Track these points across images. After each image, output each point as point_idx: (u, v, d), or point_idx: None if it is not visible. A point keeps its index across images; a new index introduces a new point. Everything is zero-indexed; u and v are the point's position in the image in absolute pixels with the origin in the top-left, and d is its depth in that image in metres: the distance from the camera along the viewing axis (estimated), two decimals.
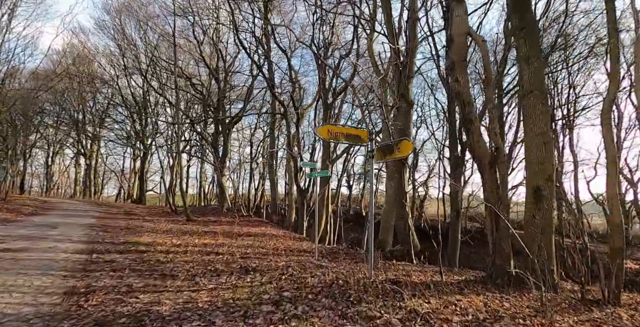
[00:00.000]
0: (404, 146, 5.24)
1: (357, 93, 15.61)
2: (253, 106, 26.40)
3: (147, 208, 22.07)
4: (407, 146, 5.22)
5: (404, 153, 5.27)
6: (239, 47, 17.85)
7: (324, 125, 5.80)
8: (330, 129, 5.62)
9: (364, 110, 15.87)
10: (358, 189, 39.71)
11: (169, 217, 17.22)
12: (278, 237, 12.76)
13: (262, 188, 27.58)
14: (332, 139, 5.63)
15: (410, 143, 5.23)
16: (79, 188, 34.85)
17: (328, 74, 19.54)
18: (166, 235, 11.24)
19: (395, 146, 5.42)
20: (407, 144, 5.23)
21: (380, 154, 5.73)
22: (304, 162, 8.46)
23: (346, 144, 5.84)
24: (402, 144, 5.30)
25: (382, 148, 5.75)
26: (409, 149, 5.21)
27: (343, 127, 5.91)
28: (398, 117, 9.90)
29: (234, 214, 17.30)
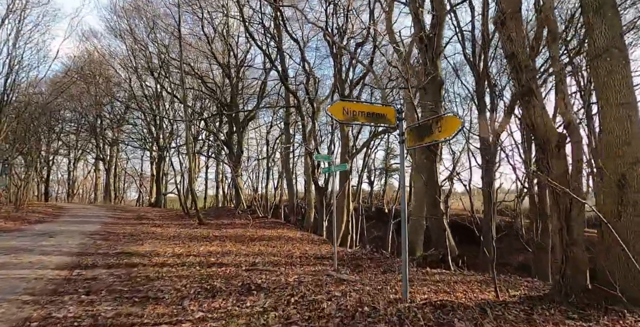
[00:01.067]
0: (447, 124, 3.77)
1: (378, 78, 13.95)
2: (267, 103, 25.17)
3: (162, 211, 21.11)
4: (452, 124, 3.73)
5: (449, 133, 3.79)
6: (249, 40, 16.56)
7: (337, 102, 4.23)
8: (346, 107, 4.20)
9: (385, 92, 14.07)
10: (380, 185, 38.16)
11: (181, 220, 16.11)
12: (294, 240, 11.42)
13: (280, 187, 26.35)
14: (348, 120, 4.21)
15: (457, 119, 3.74)
16: (100, 193, 34.40)
17: (344, 64, 18.11)
18: (170, 242, 10.03)
19: (434, 125, 3.95)
20: (452, 120, 3.74)
21: (414, 137, 4.27)
22: (317, 155, 7.12)
23: (367, 125, 4.39)
24: (444, 121, 3.84)
25: (417, 129, 4.29)
26: (455, 127, 3.72)
27: (363, 104, 4.47)
28: (426, 98, 8.39)
29: (249, 216, 16.05)
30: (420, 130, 4.20)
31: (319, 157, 7.18)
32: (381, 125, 4.58)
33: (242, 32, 21.42)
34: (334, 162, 6.95)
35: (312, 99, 15.74)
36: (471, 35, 12.30)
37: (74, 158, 36.85)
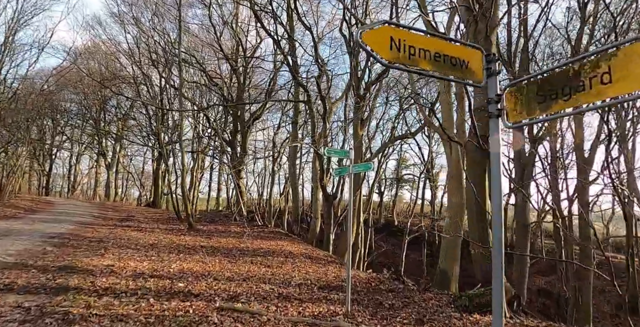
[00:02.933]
0: (630, 62, 1.64)
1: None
2: (274, 105, 23.22)
3: (156, 213, 19.06)
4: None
5: (631, 84, 1.69)
6: (258, 27, 14.60)
7: (380, 26, 2.00)
8: (398, 39, 2.10)
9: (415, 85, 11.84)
10: (390, 195, 35.86)
11: (171, 224, 14.03)
12: (295, 257, 9.27)
13: (286, 193, 24.20)
14: (400, 60, 2.12)
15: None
16: (100, 190, 32.58)
17: (361, 61, 16.09)
18: (140, 253, 7.92)
19: (588, 69, 1.82)
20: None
21: (528, 103, 2.14)
22: (328, 149, 5.12)
23: (430, 76, 2.29)
24: (620, 57, 1.73)
25: (536, 86, 2.14)
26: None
27: (431, 36, 2.34)
28: (475, 88, 6.31)
29: (245, 224, 13.92)
30: (546, 86, 2.06)
31: (330, 152, 5.10)
32: (456, 79, 2.44)
33: (252, 26, 19.65)
34: (351, 160, 4.81)
35: (324, 97, 13.67)
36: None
37: (77, 153, 35.21)
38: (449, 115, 7.75)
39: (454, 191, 7.53)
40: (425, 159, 28.94)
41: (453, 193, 7.54)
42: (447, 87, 7.72)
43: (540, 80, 2.14)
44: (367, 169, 4.89)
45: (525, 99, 2.18)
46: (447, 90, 7.83)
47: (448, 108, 7.85)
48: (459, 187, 7.50)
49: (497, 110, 2.27)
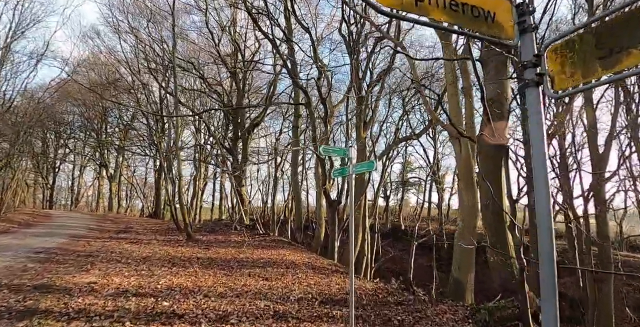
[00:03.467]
0: None
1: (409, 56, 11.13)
2: (275, 110, 22.73)
3: (156, 223, 18.50)
4: None
5: None
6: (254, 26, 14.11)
7: None
8: None
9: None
10: (395, 200, 35.12)
11: (169, 235, 13.45)
12: (297, 267, 8.65)
13: (289, 200, 23.59)
14: (404, 8, 1.55)
15: None
16: (103, 202, 32.13)
17: (362, 61, 15.58)
18: (129, 268, 7.33)
19: None
20: None
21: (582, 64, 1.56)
22: (324, 147, 4.49)
23: (443, 29, 1.77)
24: None
25: (595, 36, 1.56)
26: None
27: None
28: (491, 72, 5.67)
29: (244, 233, 13.31)
30: (608, 35, 1.47)
31: (328, 151, 4.49)
32: (481, 36, 1.84)
33: (250, 30, 19.22)
34: (352, 160, 4.22)
35: (325, 99, 13.12)
36: None
37: (80, 165, 34.90)
38: (457, 109, 7.15)
39: (465, 192, 6.89)
40: (430, 161, 28.27)
41: (464, 194, 6.91)
42: (453, 77, 7.11)
43: (600, 28, 1.54)
44: (370, 168, 4.30)
45: (578, 57, 1.58)
46: (454, 82, 7.23)
47: (455, 101, 7.25)
48: (471, 187, 6.86)
49: (536, 77, 1.67)
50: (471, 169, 6.96)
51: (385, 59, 17.41)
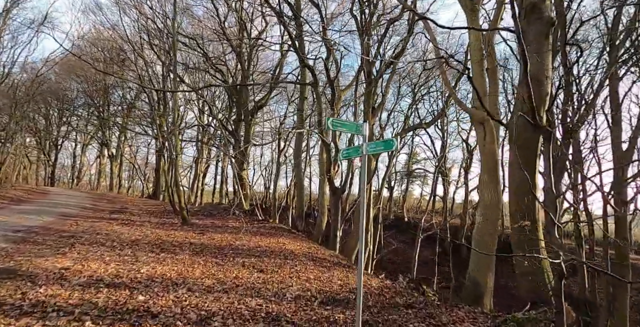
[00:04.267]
0: None
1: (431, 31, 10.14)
2: (280, 93, 21.84)
3: (152, 204, 17.84)
4: None
5: None
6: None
7: None
8: None
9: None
10: (400, 191, 34.33)
11: (165, 217, 12.79)
12: (296, 257, 7.96)
13: (292, 187, 22.86)
14: None
15: None
16: (104, 181, 31.60)
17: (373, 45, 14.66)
18: (114, 252, 6.64)
19: None
20: None
21: None
22: (334, 120, 3.65)
23: None
24: None
25: None
26: None
27: None
28: (531, 46, 4.86)
29: (245, 218, 12.63)
30: None
31: (336, 125, 3.67)
32: None
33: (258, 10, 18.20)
34: (365, 137, 3.43)
35: (332, 81, 12.27)
36: None
37: (82, 143, 34.28)
38: (484, 90, 6.28)
39: (487, 185, 6.09)
40: (437, 152, 27.39)
41: (487, 187, 6.11)
42: (480, 55, 6.16)
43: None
44: (388, 148, 3.51)
45: None
46: (480, 60, 6.28)
47: (481, 75, 6.35)
48: (494, 179, 6.05)
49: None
50: (496, 160, 6.15)
51: (398, 44, 16.43)
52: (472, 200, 28.27)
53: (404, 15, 15.00)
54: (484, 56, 6.30)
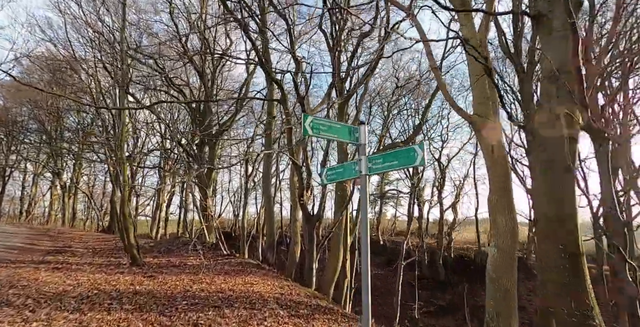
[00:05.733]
0: None
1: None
2: (247, 114, 20.51)
3: (103, 240, 15.69)
4: None
5: None
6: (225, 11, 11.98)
7: None
8: None
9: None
10: (373, 213, 33.20)
11: (113, 256, 10.91)
12: (265, 303, 6.43)
13: (262, 214, 21.17)
14: None
15: None
16: (55, 214, 28.72)
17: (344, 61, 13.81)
18: (18, 317, 4.92)
19: None
20: None
21: None
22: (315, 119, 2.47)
23: None
24: None
25: None
26: None
27: None
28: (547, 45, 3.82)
29: (208, 253, 10.96)
30: None
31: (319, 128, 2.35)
32: None
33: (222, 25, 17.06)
34: (363, 147, 2.08)
35: (302, 97, 11.11)
36: None
37: (34, 174, 31.31)
38: (484, 93, 5.19)
39: (499, 207, 4.94)
40: (411, 173, 26.61)
41: (499, 210, 4.95)
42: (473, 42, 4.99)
43: None
44: (410, 163, 2.24)
45: None
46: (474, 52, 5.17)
47: (482, 83, 5.28)
48: (507, 201, 4.92)
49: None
50: (508, 176, 5.05)
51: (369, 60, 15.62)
52: (446, 219, 27.53)
53: (375, 31, 14.32)
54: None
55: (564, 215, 3.61)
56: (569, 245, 3.56)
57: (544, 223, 3.78)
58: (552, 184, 3.71)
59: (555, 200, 3.65)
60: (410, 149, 2.28)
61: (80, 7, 14.60)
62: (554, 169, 3.69)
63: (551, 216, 3.71)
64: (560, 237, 3.63)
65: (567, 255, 3.53)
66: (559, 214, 3.63)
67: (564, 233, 3.61)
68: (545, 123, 3.71)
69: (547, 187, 3.73)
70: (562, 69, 3.62)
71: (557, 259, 3.60)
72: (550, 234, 3.72)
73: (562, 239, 3.61)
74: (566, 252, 3.54)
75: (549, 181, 3.74)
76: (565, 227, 3.60)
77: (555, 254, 3.63)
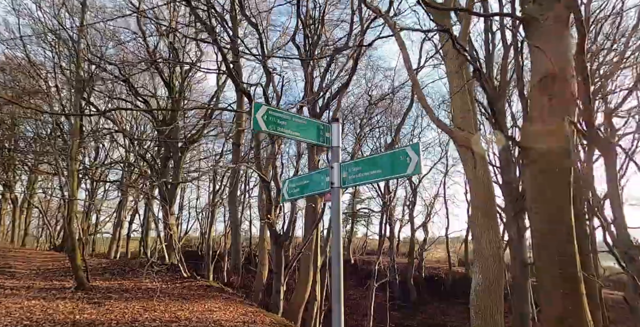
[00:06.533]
0: None
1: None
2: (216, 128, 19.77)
3: (51, 260, 14.31)
4: None
5: None
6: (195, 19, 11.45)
7: None
8: None
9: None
10: (344, 231, 32.61)
11: (57, 279, 9.80)
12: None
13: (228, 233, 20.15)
14: None
15: None
16: (4, 230, 26.50)
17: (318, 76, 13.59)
18: None
19: None
20: None
21: None
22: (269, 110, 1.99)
23: None
24: None
25: None
26: None
27: None
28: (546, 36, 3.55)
29: (166, 276, 10.04)
30: None
31: (272, 123, 1.82)
32: None
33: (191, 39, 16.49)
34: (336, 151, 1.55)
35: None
36: None
37: None
38: (466, 106, 4.85)
39: (483, 228, 4.53)
40: (382, 191, 26.38)
41: (482, 232, 4.53)
42: (458, 62, 4.78)
43: None
44: (402, 172, 1.76)
45: None
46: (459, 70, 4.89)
47: (463, 96, 4.93)
48: (492, 221, 4.52)
49: None
50: (492, 195, 4.70)
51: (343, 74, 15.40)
52: (417, 238, 27.26)
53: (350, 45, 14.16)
54: (464, 65, 5.03)
55: (560, 234, 3.22)
56: (567, 268, 3.15)
57: (539, 242, 3.38)
58: (548, 203, 3.32)
59: (551, 221, 3.26)
60: (401, 151, 1.76)
61: (39, 8, 13.77)
62: (550, 184, 3.31)
63: (546, 232, 3.31)
64: (557, 259, 3.22)
65: (565, 280, 3.12)
66: (556, 234, 3.24)
67: (561, 254, 3.21)
68: (537, 135, 3.36)
69: (543, 207, 3.34)
70: (554, 74, 3.31)
71: (554, 284, 3.17)
72: (546, 255, 3.31)
73: (560, 262, 3.20)
74: (565, 277, 3.13)
75: (544, 199, 3.35)
76: (562, 248, 3.20)
77: (552, 279, 3.21)
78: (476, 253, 4.72)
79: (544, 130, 3.33)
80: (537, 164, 3.33)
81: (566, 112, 3.28)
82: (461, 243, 28.06)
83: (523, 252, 9.44)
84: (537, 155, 3.31)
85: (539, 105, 3.39)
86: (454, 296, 21.85)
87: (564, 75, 3.30)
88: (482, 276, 4.49)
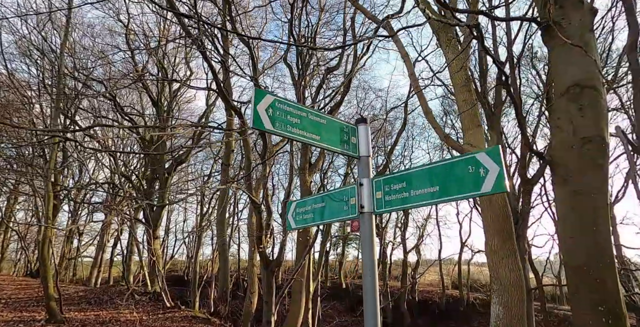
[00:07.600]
0: None
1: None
2: (206, 147, 19.29)
3: (25, 287, 13.36)
4: None
5: None
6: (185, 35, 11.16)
7: None
8: None
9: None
10: (335, 254, 31.82)
11: (28, 309, 8.97)
12: None
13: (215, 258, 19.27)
14: None
15: None
16: None
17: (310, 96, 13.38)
18: None
19: None
20: None
21: None
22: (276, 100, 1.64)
23: None
24: None
25: None
26: None
27: None
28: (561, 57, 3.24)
29: (148, 305, 9.28)
30: None
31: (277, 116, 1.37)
32: None
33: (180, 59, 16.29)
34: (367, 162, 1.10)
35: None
36: None
37: None
38: (476, 120, 4.51)
39: (501, 254, 4.05)
40: None
41: (499, 261, 4.06)
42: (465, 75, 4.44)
43: None
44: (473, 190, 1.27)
45: None
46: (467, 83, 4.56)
47: (472, 110, 4.63)
48: (510, 246, 4.05)
49: None
50: (510, 218, 4.27)
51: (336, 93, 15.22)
52: (409, 261, 26.55)
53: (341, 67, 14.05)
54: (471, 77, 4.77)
55: (599, 264, 2.78)
56: (608, 302, 2.71)
57: (573, 274, 2.94)
58: (582, 224, 2.91)
59: (586, 246, 2.84)
60: (469, 159, 1.23)
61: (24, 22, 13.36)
62: (583, 206, 2.91)
63: (582, 264, 2.87)
64: (596, 292, 2.78)
65: (607, 316, 2.66)
66: (593, 264, 2.81)
67: (599, 287, 2.77)
68: (567, 149, 2.99)
69: (575, 230, 2.92)
70: (584, 83, 2.98)
71: (593, 320, 2.71)
72: (582, 289, 2.86)
73: (599, 295, 2.76)
74: (605, 312, 2.68)
75: (577, 221, 2.94)
76: (601, 280, 2.76)
77: (590, 313, 2.75)
78: (494, 282, 4.24)
79: (574, 142, 2.97)
80: (564, 181, 2.94)
81: (599, 123, 2.94)
82: (454, 265, 27.46)
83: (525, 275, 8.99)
84: (564, 170, 2.93)
85: (567, 116, 3.04)
86: (448, 318, 21.34)
87: (592, 84, 2.98)
88: (503, 307, 3.99)
